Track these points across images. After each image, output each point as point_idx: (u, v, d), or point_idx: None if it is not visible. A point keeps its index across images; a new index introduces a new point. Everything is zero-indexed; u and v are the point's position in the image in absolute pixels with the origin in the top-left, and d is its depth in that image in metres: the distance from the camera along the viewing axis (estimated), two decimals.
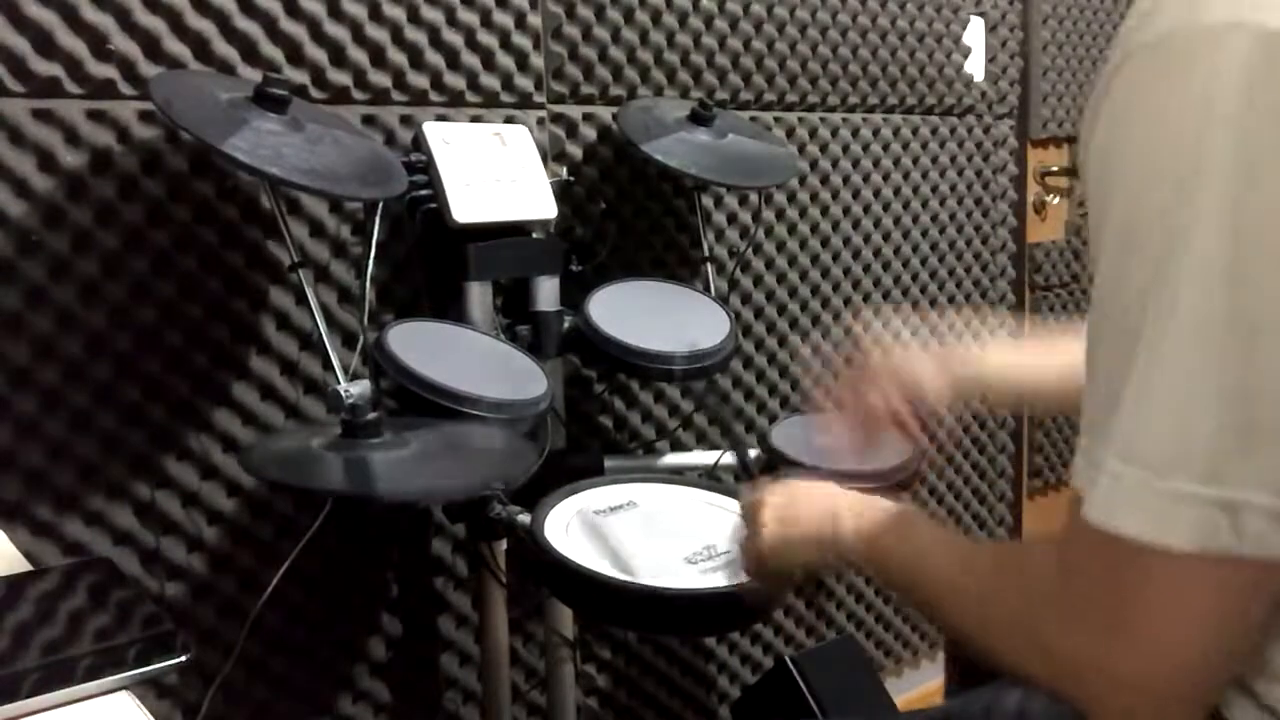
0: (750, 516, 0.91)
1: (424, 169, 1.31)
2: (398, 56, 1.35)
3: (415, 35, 1.37)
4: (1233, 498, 0.50)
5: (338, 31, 1.31)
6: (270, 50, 1.26)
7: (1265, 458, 0.50)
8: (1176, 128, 0.51)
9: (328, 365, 1.15)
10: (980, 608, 0.67)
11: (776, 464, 1.40)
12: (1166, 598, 0.53)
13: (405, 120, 1.37)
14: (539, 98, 1.49)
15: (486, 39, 1.43)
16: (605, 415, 1.63)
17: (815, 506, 0.84)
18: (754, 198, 1.75)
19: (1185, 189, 0.50)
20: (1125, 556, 0.53)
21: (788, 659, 1.55)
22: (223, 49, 1.22)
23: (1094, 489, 0.55)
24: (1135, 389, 0.52)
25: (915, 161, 2.00)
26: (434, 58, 1.38)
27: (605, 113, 1.55)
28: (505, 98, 1.45)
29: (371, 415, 1.07)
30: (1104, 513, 0.54)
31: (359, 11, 1.32)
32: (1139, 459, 0.52)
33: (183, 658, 0.60)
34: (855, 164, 1.90)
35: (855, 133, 1.89)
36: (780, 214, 1.81)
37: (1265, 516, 0.50)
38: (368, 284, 1.29)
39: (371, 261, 1.29)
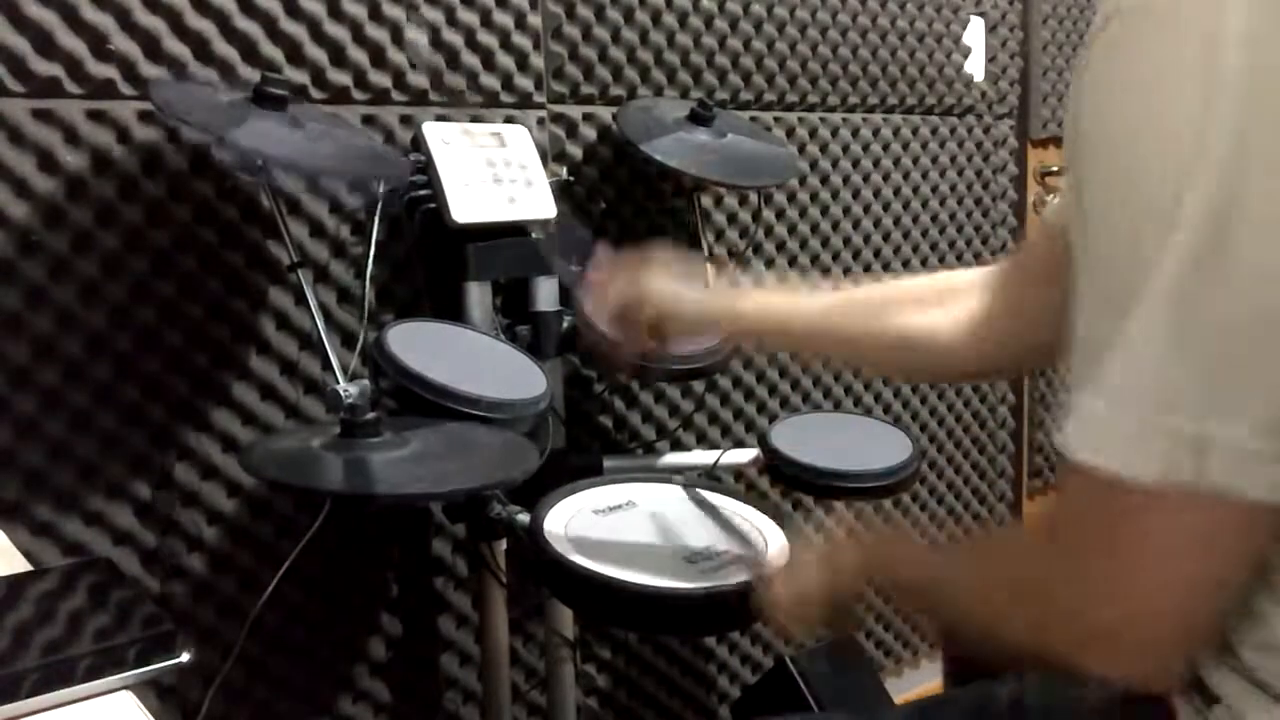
0: (767, 605, 0.90)
1: (423, 169, 1.31)
2: (397, 56, 1.35)
3: (415, 35, 1.36)
4: (1199, 431, 0.51)
5: (338, 31, 1.31)
6: (270, 50, 1.26)
7: (1232, 392, 0.51)
8: (1170, 92, 0.51)
9: (327, 365, 1.15)
10: (977, 593, 0.68)
11: (776, 464, 1.40)
12: (1142, 535, 0.54)
13: (405, 120, 1.37)
14: (539, 98, 1.49)
15: (486, 39, 1.43)
16: (605, 415, 1.63)
17: (815, 567, 0.84)
18: (754, 198, 1.75)
19: (1180, 161, 0.50)
20: (1103, 494, 0.54)
21: (788, 659, 1.55)
22: (223, 49, 1.23)
23: (1069, 426, 0.56)
24: (1120, 337, 0.53)
25: (915, 161, 2.00)
26: (434, 58, 1.38)
27: (605, 113, 1.55)
28: (505, 98, 1.45)
29: (371, 415, 1.07)
30: (1078, 447, 0.55)
31: (359, 11, 1.32)
32: (1110, 394, 0.53)
33: (183, 658, 0.60)
34: (855, 164, 1.90)
35: (855, 133, 1.89)
36: (780, 214, 1.81)
37: (1233, 453, 0.50)
38: (368, 284, 1.30)
39: (371, 261, 1.29)
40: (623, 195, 1.59)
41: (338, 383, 1.11)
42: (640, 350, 1.05)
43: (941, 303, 0.93)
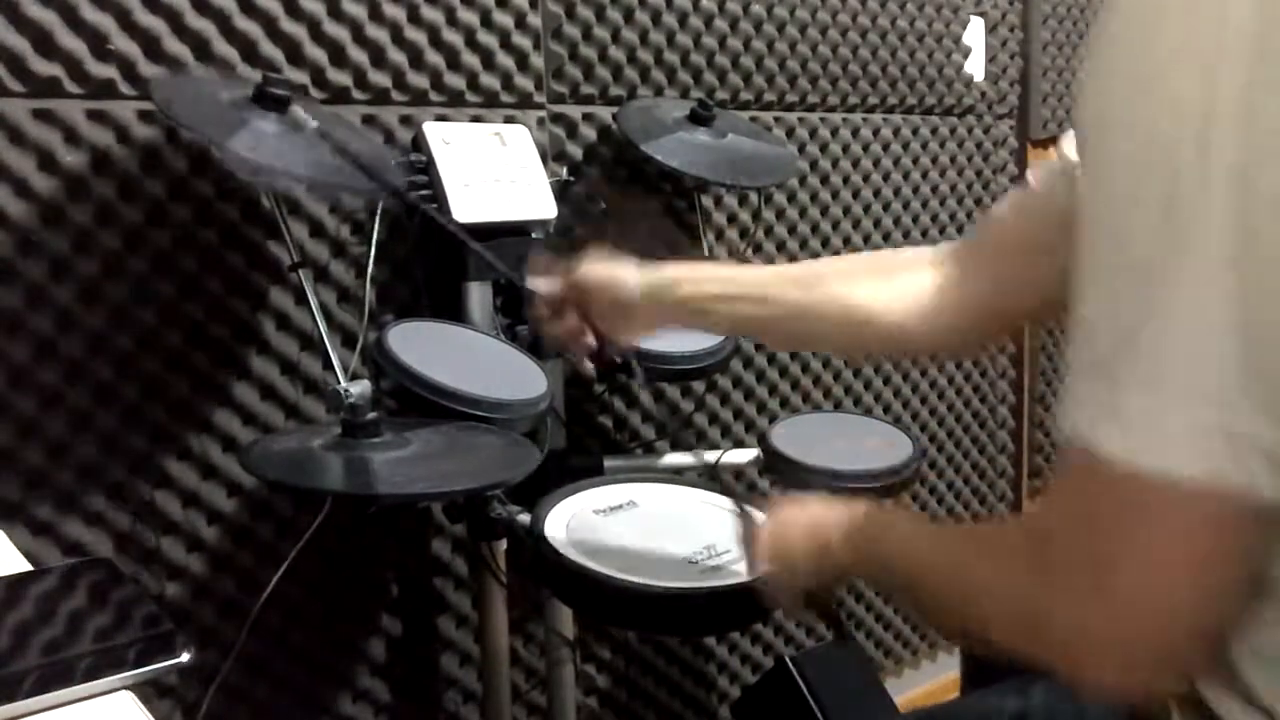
0: (748, 549, 0.90)
1: (424, 169, 1.31)
2: (398, 56, 1.35)
3: (415, 35, 1.37)
4: (1238, 429, 0.49)
5: (338, 31, 1.31)
6: (270, 50, 1.26)
7: (1266, 392, 0.49)
8: (1186, 66, 0.49)
9: (328, 365, 1.15)
10: (966, 593, 0.67)
11: (776, 464, 1.40)
12: (1164, 536, 0.52)
13: (405, 120, 1.37)
14: (539, 98, 1.49)
15: (486, 39, 1.43)
16: (605, 415, 1.63)
17: (805, 527, 0.83)
18: (754, 198, 1.75)
19: (1197, 140, 0.48)
20: (1127, 493, 0.52)
21: (788, 659, 1.55)
22: (223, 49, 1.22)
23: (1104, 425, 0.53)
24: (1154, 326, 0.50)
25: (915, 161, 2.00)
26: (434, 58, 1.38)
27: (605, 113, 1.55)
28: (505, 98, 1.45)
29: (371, 415, 1.07)
30: (1119, 447, 0.52)
31: (359, 11, 1.32)
32: (1157, 391, 0.50)
33: (183, 658, 0.60)
34: (855, 164, 1.90)
35: (855, 133, 1.89)
36: (780, 214, 1.81)
37: (1260, 453, 0.49)
38: (368, 284, 1.30)
39: (371, 261, 1.29)
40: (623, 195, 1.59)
41: (338, 383, 1.11)
42: (587, 347, 1.01)
43: (887, 276, 0.91)
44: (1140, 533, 0.53)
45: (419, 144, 1.33)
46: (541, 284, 1.03)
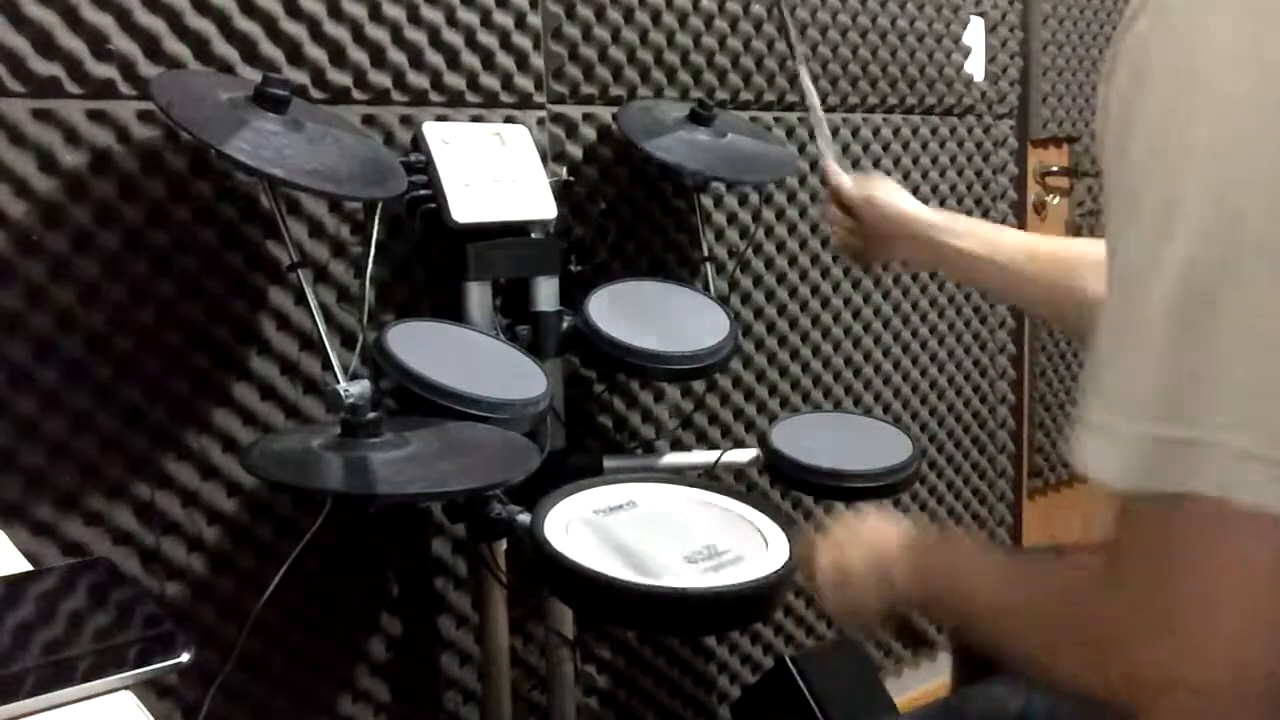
0: (804, 568, 0.89)
1: (423, 169, 1.31)
2: (398, 56, 1.35)
3: (415, 35, 1.37)
4: (1196, 438, 0.49)
5: (338, 31, 1.31)
6: (270, 50, 1.26)
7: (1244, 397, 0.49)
8: (1176, 105, 0.50)
9: (327, 365, 1.15)
10: (1031, 630, 0.66)
11: (776, 464, 1.40)
12: (1221, 569, 0.51)
13: (405, 120, 1.37)
14: (539, 98, 1.49)
15: (486, 39, 1.43)
16: (605, 415, 1.63)
17: (866, 551, 0.82)
18: (754, 198, 1.75)
19: (1179, 171, 0.50)
20: (1184, 529, 0.52)
21: (788, 659, 1.55)
22: (223, 49, 1.22)
23: (1085, 448, 0.54)
24: (1130, 339, 0.52)
25: (915, 161, 2.00)
26: (434, 58, 1.38)
27: (605, 113, 1.55)
28: (505, 98, 1.45)
29: (371, 415, 1.07)
30: (1094, 468, 0.53)
31: (359, 11, 1.32)
32: (1121, 408, 0.52)
33: (183, 658, 0.60)
34: (855, 164, 1.90)
35: (855, 133, 1.89)
36: (780, 214, 1.81)
37: (1235, 456, 0.49)
38: (368, 284, 1.29)
39: (371, 261, 1.29)
40: (623, 195, 1.59)
41: (338, 383, 1.11)
42: (844, 233, 1.22)
43: None
44: (1200, 568, 0.52)
45: (419, 144, 1.33)
46: (844, 180, 1.22)
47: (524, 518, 1.15)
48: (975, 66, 2.08)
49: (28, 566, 0.75)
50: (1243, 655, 0.52)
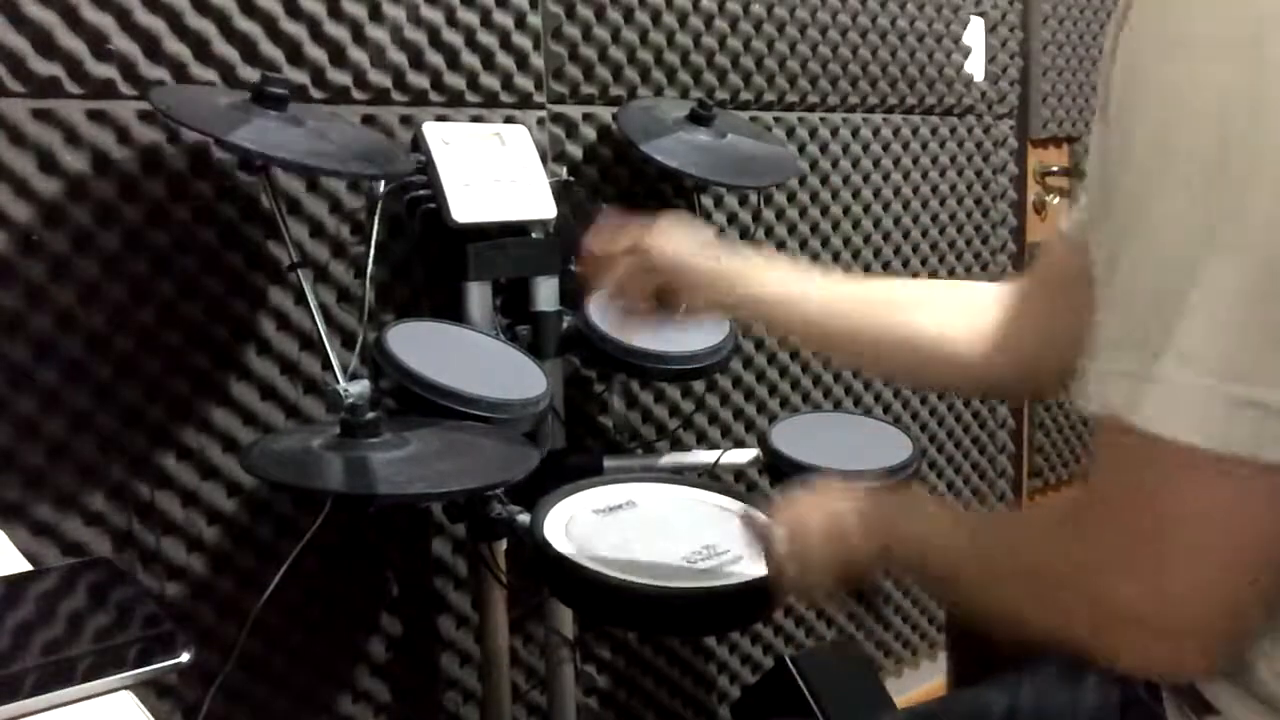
0: (764, 543, 0.89)
1: (423, 169, 1.31)
2: (398, 56, 1.35)
3: (415, 35, 1.37)
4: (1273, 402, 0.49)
5: (338, 31, 1.31)
6: (270, 50, 1.26)
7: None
8: (1220, 65, 0.49)
9: (327, 365, 1.15)
10: (992, 574, 0.66)
11: (776, 464, 1.40)
12: (1204, 509, 0.51)
13: (405, 120, 1.37)
14: (539, 98, 1.49)
15: (486, 39, 1.43)
16: (605, 415, 1.63)
17: (823, 519, 0.81)
18: (754, 198, 1.75)
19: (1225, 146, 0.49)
20: (1167, 466, 0.51)
21: (788, 659, 1.55)
22: (222, 49, 1.22)
23: (1145, 400, 0.52)
24: (1194, 298, 0.50)
25: (915, 161, 2.00)
26: (434, 58, 1.38)
27: (605, 113, 1.55)
28: (505, 98, 1.45)
29: (371, 415, 1.07)
30: (1158, 421, 0.51)
31: (359, 11, 1.32)
32: (1199, 365, 0.50)
33: (183, 658, 0.60)
34: (855, 164, 1.90)
35: (855, 133, 1.89)
36: (780, 214, 1.81)
37: None
38: (368, 284, 1.30)
39: (371, 261, 1.29)
40: (623, 195, 1.59)
41: (338, 382, 1.11)
42: (643, 317, 0.98)
43: (961, 310, 0.90)
44: (1180, 505, 0.52)
45: (419, 144, 1.33)
46: (602, 237, 0.99)
47: (524, 518, 1.15)
48: (975, 66, 2.08)
49: (28, 566, 0.75)
50: (1214, 603, 0.52)
